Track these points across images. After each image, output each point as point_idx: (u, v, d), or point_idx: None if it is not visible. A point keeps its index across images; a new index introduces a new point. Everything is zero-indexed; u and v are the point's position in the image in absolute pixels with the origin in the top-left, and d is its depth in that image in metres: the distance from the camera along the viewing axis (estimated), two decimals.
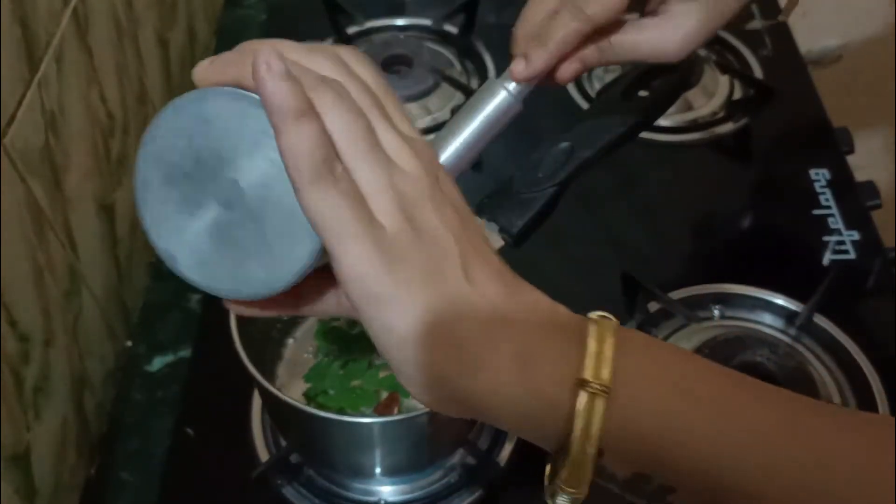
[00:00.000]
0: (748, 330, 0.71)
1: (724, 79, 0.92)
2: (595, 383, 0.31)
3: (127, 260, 0.76)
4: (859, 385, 0.68)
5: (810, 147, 0.87)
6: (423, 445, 0.58)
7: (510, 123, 0.48)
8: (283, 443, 0.63)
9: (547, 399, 0.32)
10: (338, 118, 0.30)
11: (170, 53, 0.89)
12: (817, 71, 1.15)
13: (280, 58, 0.29)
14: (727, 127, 0.89)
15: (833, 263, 0.76)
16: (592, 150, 0.60)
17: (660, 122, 0.87)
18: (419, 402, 0.33)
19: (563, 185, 0.60)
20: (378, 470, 0.59)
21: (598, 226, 0.82)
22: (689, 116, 0.90)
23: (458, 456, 0.62)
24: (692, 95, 0.91)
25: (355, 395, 0.61)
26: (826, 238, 0.79)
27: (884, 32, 1.19)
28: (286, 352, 0.64)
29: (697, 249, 0.81)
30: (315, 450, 0.60)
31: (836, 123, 0.88)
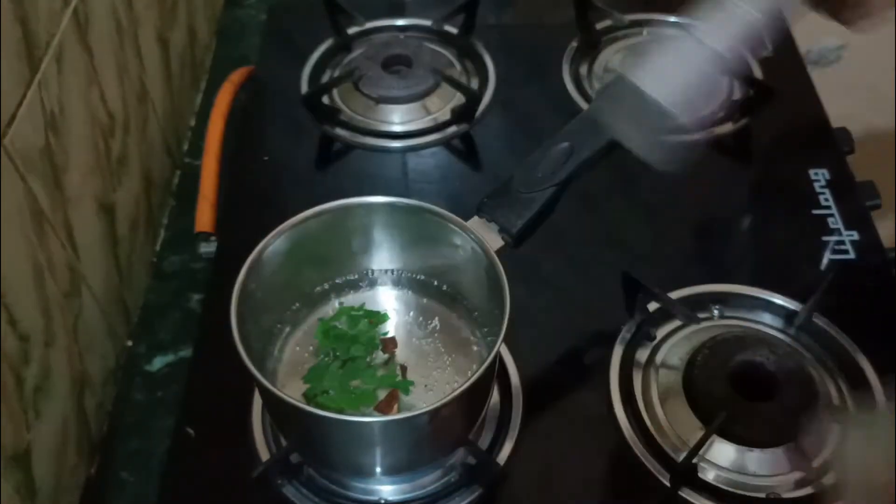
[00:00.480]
0: (748, 330, 0.71)
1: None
2: None
3: (127, 260, 0.76)
4: (859, 385, 0.68)
5: (810, 147, 0.87)
6: (423, 445, 0.58)
7: None
8: (284, 442, 0.63)
9: None
10: None
11: (170, 53, 0.89)
12: (817, 71, 1.15)
13: None
14: (727, 127, 0.89)
15: (832, 263, 0.77)
16: (592, 150, 0.60)
17: None
18: None
19: (563, 185, 0.60)
20: (378, 469, 0.59)
21: (598, 226, 0.82)
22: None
23: (458, 456, 0.62)
24: None
25: (355, 395, 0.61)
26: (826, 238, 0.79)
27: (884, 32, 1.19)
28: (286, 352, 0.64)
29: (697, 249, 0.81)
30: (315, 449, 0.60)
31: (836, 123, 0.88)
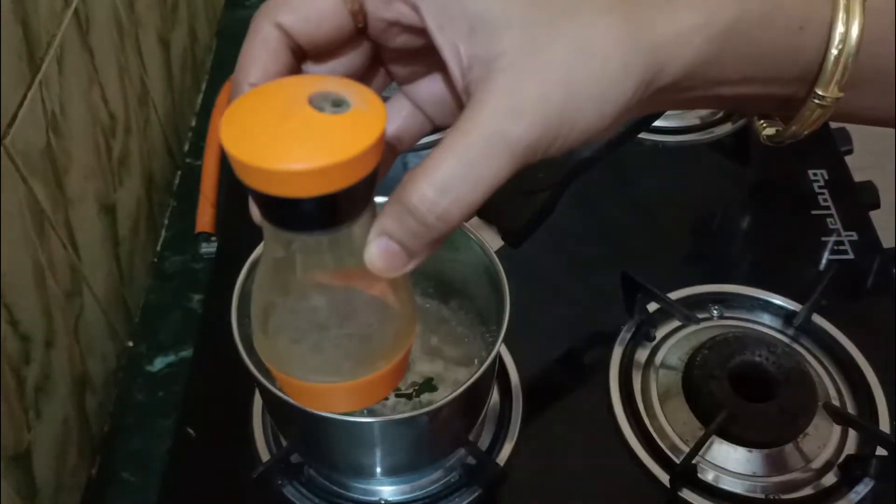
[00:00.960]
0: (747, 330, 0.71)
1: None
2: None
3: (128, 260, 0.76)
4: (858, 385, 0.68)
5: (809, 147, 0.87)
6: (423, 445, 0.58)
7: None
8: (284, 443, 0.64)
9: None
10: None
11: (171, 54, 0.89)
12: None
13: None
14: (726, 127, 0.90)
15: (831, 263, 0.77)
16: (592, 150, 0.60)
17: (659, 123, 0.87)
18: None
19: (563, 185, 0.60)
20: (378, 470, 0.59)
21: (598, 226, 0.82)
22: (689, 117, 0.90)
23: (458, 456, 0.62)
24: None
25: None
26: (825, 238, 0.79)
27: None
28: None
29: (697, 249, 0.81)
30: (315, 450, 0.61)
31: (836, 124, 0.89)
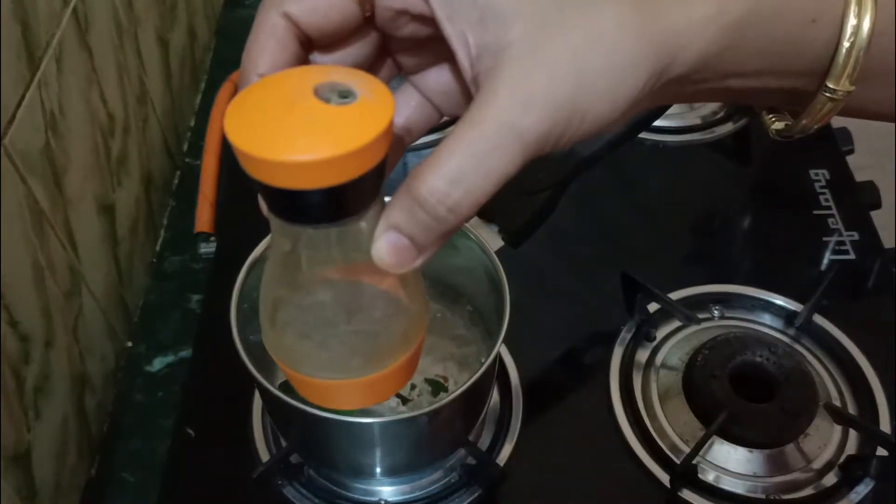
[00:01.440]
0: (748, 330, 0.71)
1: None
2: None
3: (127, 260, 0.76)
4: (859, 385, 0.68)
5: (810, 147, 0.87)
6: (423, 445, 0.58)
7: None
8: (284, 443, 0.63)
9: None
10: None
11: (170, 53, 0.89)
12: None
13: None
14: (727, 127, 0.89)
15: (833, 264, 0.77)
16: (592, 150, 0.60)
17: (659, 123, 0.87)
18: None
19: (563, 185, 0.60)
20: (378, 470, 0.59)
21: (598, 226, 0.82)
22: (689, 117, 0.90)
23: (458, 456, 0.62)
24: None
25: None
26: (826, 238, 0.79)
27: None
28: None
29: (697, 249, 0.81)
30: (315, 450, 0.60)
31: (836, 123, 0.88)
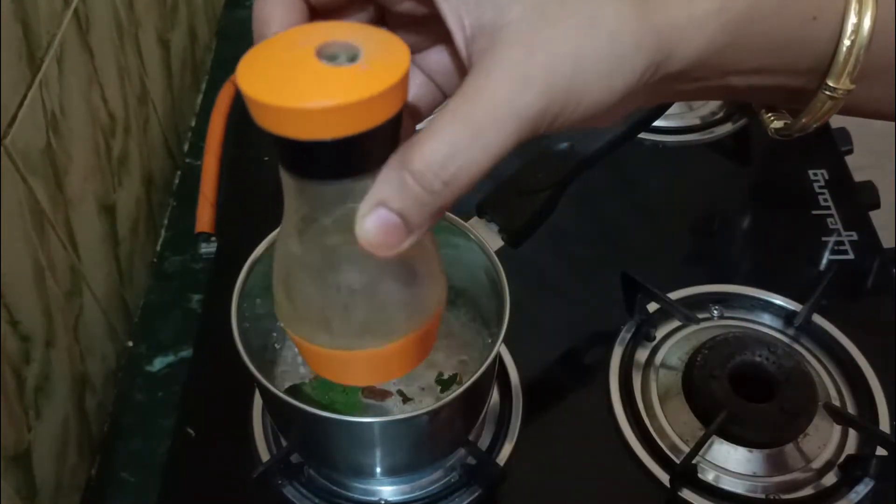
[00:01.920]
0: (747, 330, 0.71)
1: None
2: None
3: (128, 260, 0.76)
4: (858, 385, 0.68)
5: (809, 147, 0.87)
6: (423, 445, 0.58)
7: None
8: (284, 443, 0.64)
9: None
10: None
11: (171, 53, 0.89)
12: None
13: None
14: (726, 127, 0.90)
15: (832, 264, 0.77)
16: (592, 150, 0.60)
17: (659, 123, 0.87)
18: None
19: (563, 185, 0.60)
20: (378, 470, 0.59)
21: (598, 226, 0.82)
22: (689, 117, 0.90)
23: (458, 456, 0.62)
24: None
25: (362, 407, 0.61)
26: (825, 238, 0.79)
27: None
28: (286, 351, 0.64)
29: (697, 249, 0.81)
30: (315, 450, 0.61)
31: (835, 123, 0.89)
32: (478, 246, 0.58)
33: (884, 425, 0.65)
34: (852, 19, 0.30)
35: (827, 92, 0.32)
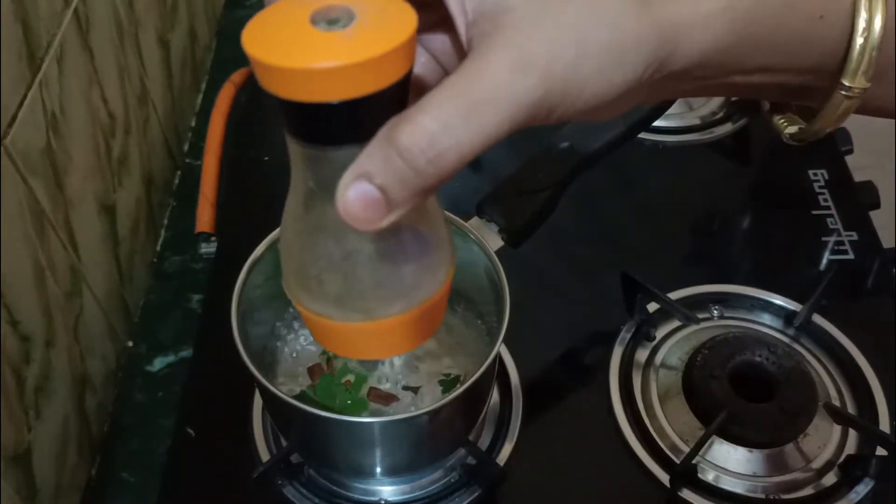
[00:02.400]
0: (747, 330, 0.71)
1: None
2: None
3: (128, 260, 0.76)
4: (858, 385, 0.68)
5: (809, 147, 0.87)
6: (423, 445, 0.58)
7: None
8: (284, 443, 0.64)
9: None
10: None
11: (171, 54, 0.89)
12: None
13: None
14: (726, 127, 0.90)
15: (832, 264, 0.77)
16: (592, 150, 0.60)
17: (659, 123, 0.87)
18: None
19: (563, 185, 0.60)
20: (378, 470, 0.59)
21: (598, 226, 0.82)
22: (689, 117, 0.90)
23: (458, 456, 0.62)
24: None
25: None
26: (825, 238, 0.79)
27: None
28: (286, 351, 0.64)
29: (697, 249, 0.81)
30: (315, 450, 0.61)
31: None
32: (478, 246, 0.58)
33: (884, 425, 0.65)
34: (863, 16, 0.30)
35: (843, 92, 0.32)
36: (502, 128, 0.26)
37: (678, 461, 0.63)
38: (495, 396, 0.67)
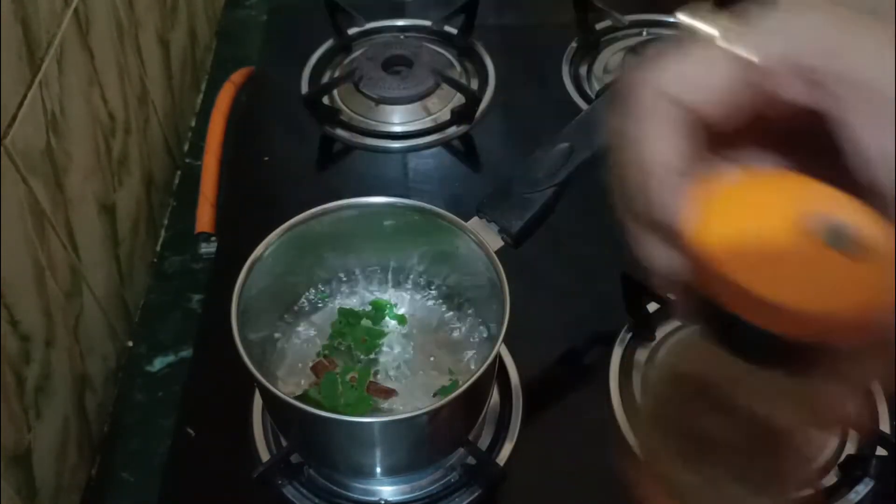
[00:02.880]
0: None
1: None
2: None
3: (128, 260, 0.76)
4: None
5: None
6: (423, 445, 0.58)
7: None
8: (284, 443, 0.64)
9: None
10: None
11: (171, 54, 0.89)
12: None
13: None
14: None
15: None
16: (592, 150, 0.60)
17: None
18: None
19: (563, 185, 0.60)
20: (378, 470, 0.59)
21: (598, 226, 0.82)
22: None
23: (458, 456, 0.62)
24: None
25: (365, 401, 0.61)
26: None
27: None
28: (286, 352, 0.64)
29: None
30: (315, 450, 0.61)
31: None
32: (478, 246, 0.58)
33: (884, 425, 0.65)
34: None
35: None
36: None
37: None
38: (495, 396, 0.67)
